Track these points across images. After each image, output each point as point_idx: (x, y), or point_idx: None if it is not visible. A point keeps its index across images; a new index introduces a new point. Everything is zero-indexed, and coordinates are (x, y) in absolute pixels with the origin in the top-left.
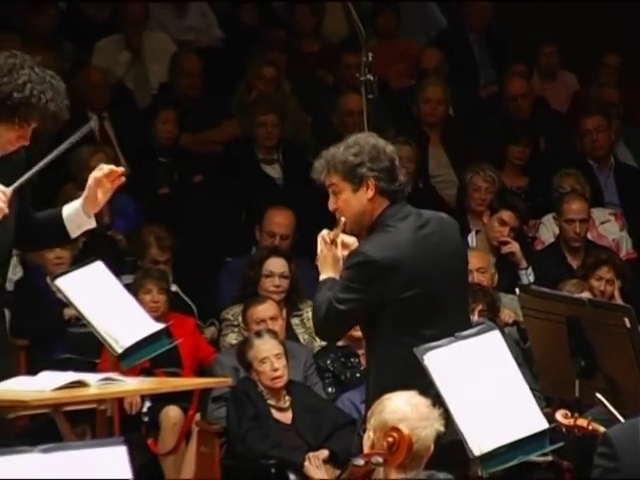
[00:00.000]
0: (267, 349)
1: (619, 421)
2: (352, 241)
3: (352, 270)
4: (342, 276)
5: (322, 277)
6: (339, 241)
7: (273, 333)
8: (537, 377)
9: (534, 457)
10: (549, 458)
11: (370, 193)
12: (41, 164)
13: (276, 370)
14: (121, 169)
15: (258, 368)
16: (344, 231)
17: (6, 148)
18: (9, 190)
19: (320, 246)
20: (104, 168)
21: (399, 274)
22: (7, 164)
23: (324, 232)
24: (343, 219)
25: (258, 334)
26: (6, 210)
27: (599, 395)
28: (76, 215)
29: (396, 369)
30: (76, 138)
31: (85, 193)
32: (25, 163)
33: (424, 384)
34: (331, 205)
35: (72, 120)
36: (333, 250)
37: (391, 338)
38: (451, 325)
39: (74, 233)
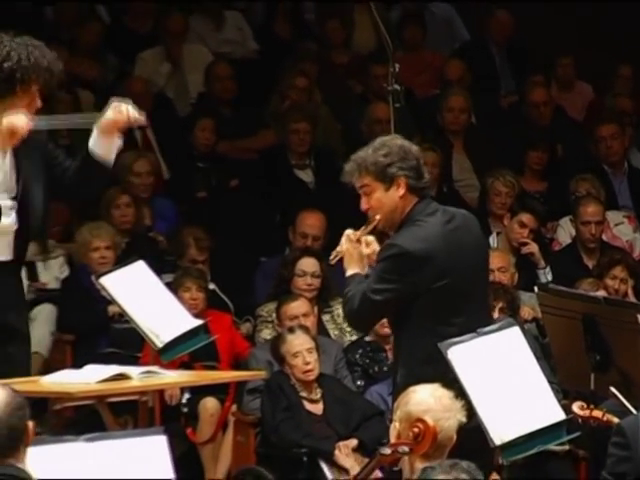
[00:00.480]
0: (299, 344)
1: (632, 413)
2: (371, 239)
3: (387, 262)
4: (375, 268)
5: (349, 273)
6: (363, 239)
7: (305, 329)
8: (555, 371)
9: (552, 446)
10: (566, 447)
11: (401, 191)
12: (56, 123)
13: (308, 364)
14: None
15: (291, 362)
16: (375, 229)
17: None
18: (31, 123)
19: (345, 244)
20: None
21: (431, 265)
22: (32, 140)
23: (349, 231)
24: (377, 217)
25: (291, 330)
26: (23, 134)
27: (613, 389)
28: (98, 139)
29: (425, 360)
30: (82, 122)
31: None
32: (43, 150)
33: (452, 375)
34: (363, 205)
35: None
36: (358, 247)
37: (421, 329)
38: (476, 314)
39: (108, 155)
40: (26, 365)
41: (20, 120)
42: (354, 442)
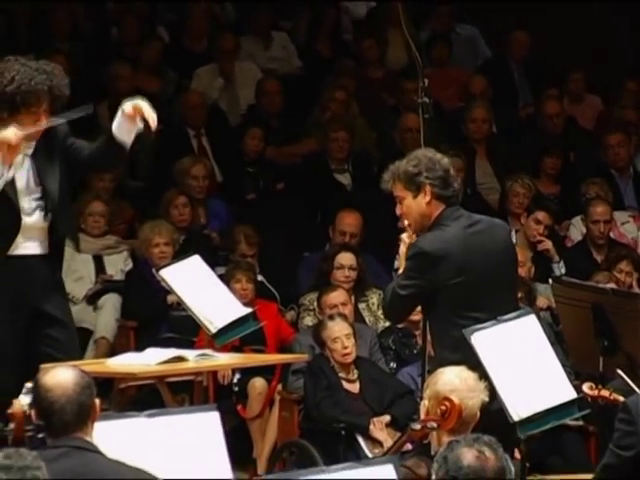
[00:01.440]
0: (339, 330)
1: (636, 392)
2: None
3: (410, 261)
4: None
5: (400, 271)
6: (408, 242)
7: (344, 317)
8: (567, 354)
9: (567, 421)
10: (580, 422)
11: (427, 198)
12: (58, 122)
13: (346, 348)
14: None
15: (331, 346)
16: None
17: (32, 135)
18: (21, 134)
19: (402, 247)
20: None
21: (447, 263)
22: (51, 140)
23: (404, 235)
24: (406, 222)
25: (331, 317)
26: (16, 142)
27: (619, 371)
28: (120, 122)
29: (450, 347)
30: (77, 113)
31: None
32: (63, 141)
33: (474, 360)
34: (398, 211)
35: (174, 134)
36: None
37: (445, 319)
38: (497, 310)
39: (127, 138)
40: (70, 347)
41: (9, 132)
42: (387, 418)
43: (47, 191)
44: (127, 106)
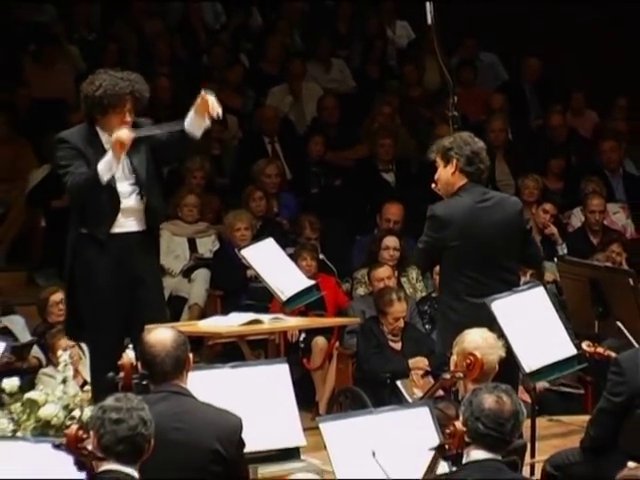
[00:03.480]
0: (401, 310)
1: (631, 347)
2: None
3: (426, 221)
4: None
5: None
6: None
7: (405, 295)
8: (569, 319)
9: (570, 390)
10: (581, 391)
11: (452, 169)
12: (155, 131)
13: (398, 321)
14: (216, 111)
15: (389, 319)
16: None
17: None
18: (133, 134)
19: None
20: (207, 100)
21: (451, 227)
22: (139, 143)
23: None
24: (434, 186)
25: (399, 299)
26: (128, 141)
27: (619, 324)
28: (191, 119)
29: (454, 296)
30: (175, 128)
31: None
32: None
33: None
34: (435, 177)
35: (253, 141)
36: None
37: (449, 273)
38: (493, 273)
39: (197, 132)
40: (159, 307)
41: (124, 133)
42: (424, 360)
43: (139, 177)
44: (197, 104)
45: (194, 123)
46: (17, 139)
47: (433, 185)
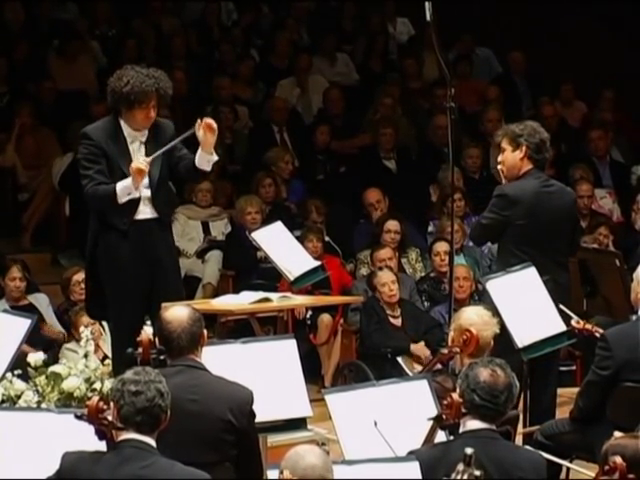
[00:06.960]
0: (386, 277)
1: (612, 326)
2: None
3: (494, 199)
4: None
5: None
6: None
7: (390, 268)
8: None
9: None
10: (573, 368)
11: (521, 155)
12: (167, 147)
13: (392, 291)
14: (211, 124)
15: (380, 290)
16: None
17: (144, 125)
18: (148, 159)
19: None
20: (205, 122)
21: (518, 207)
22: (160, 133)
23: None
24: (500, 167)
25: (380, 268)
26: (146, 170)
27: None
28: (200, 157)
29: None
30: (186, 135)
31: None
32: (170, 138)
33: None
34: (499, 158)
35: (263, 130)
36: None
37: (508, 249)
38: (549, 254)
39: (206, 167)
40: (172, 286)
41: (141, 164)
42: (422, 344)
43: (151, 173)
44: (203, 143)
45: (203, 159)
46: (42, 129)
47: (499, 167)
